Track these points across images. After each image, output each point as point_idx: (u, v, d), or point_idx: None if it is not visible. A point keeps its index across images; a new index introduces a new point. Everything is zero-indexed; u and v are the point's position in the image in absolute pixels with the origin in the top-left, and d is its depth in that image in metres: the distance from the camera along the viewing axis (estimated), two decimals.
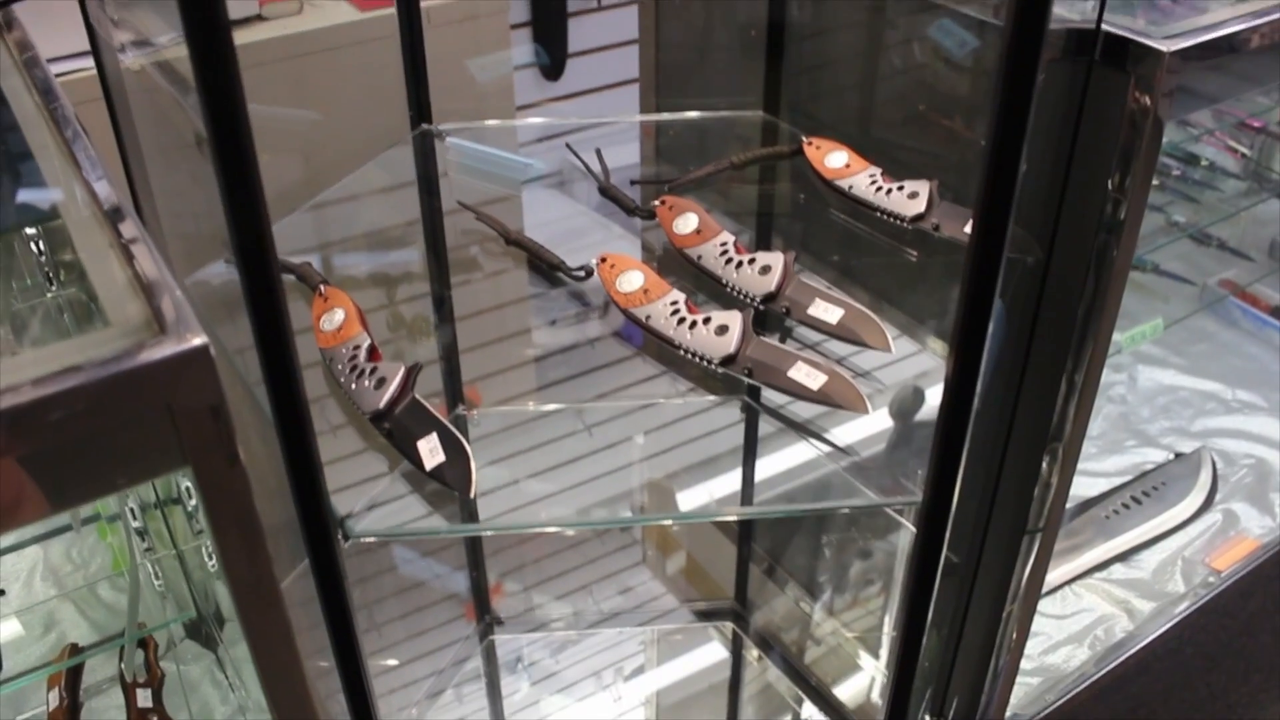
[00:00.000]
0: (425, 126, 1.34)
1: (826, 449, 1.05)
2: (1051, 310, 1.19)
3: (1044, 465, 1.28)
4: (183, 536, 1.25)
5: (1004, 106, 0.75)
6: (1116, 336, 1.23)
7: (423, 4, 1.31)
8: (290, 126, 1.44)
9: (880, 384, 1.05)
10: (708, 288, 1.12)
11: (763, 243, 1.27)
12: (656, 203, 1.17)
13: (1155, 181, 1.76)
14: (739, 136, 1.36)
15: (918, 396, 1.23)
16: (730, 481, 1.17)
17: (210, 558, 1.23)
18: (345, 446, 0.99)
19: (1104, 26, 1.09)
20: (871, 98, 1.35)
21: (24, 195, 1.08)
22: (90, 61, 1.29)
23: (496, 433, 1.15)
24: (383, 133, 1.40)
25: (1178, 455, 1.87)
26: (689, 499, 1.13)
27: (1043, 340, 1.21)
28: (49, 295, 1.23)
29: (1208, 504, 1.79)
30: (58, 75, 1.63)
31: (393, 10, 1.35)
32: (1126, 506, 1.77)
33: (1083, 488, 1.79)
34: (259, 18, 1.78)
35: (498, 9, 1.77)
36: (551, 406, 1.13)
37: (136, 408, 0.68)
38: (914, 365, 1.15)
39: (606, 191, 1.22)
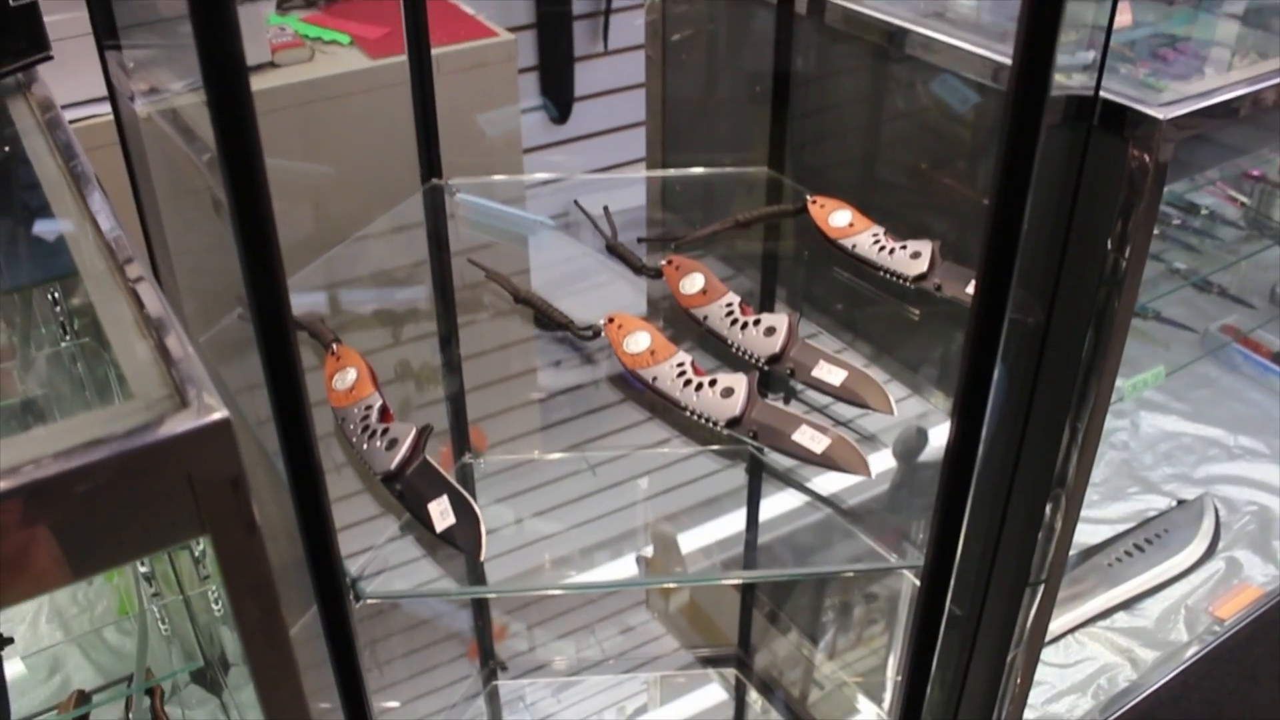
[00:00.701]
0: (435, 181, 1.37)
1: (831, 496, 1.07)
2: (1052, 369, 1.21)
3: (1047, 514, 1.29)
4: (189, 581, 1.27)
5: (1006, 178, 0.77)
6: (1119, 383, 1.25)
7: (432, 52, 1.33)
8: (303, 179, 1.46)
9: (883, 444, 1.07)
10: (713, 347, 1.13)
11: (768, 300, 1.29)
12: (664, 262, 1.19)
13: (1156, 230, 1.78)
14: (744, 192, 1.38)
15: (921, 436, 1.25)
16: (734, 526, 1.18)
17: (216, 602, 1.25)
18: (356, 506, 1.01)
19: (1102, 93, 1.11)
20: (875, 154, 1.37)
21: (44, 254, 1.11)
22: (106, 106, 1.31)
23: (501, 474, 1.16)
24: (393, 184, 1.42)
25: (1180, 502, 1.88)
26: (693, 544, 1.15)
27: (1044, 394, 1.23)
28: (63, 344, 1.25)
29: (1210, 552, 1.80)
30: (74, 120, 1.66)
31: (403, 58, 1.37)
32: (1129, 554, 1.78)
33: (1085, 535, 1.80)
34: (271, 65, 1.82)
35: (506, 56, 1.80)
36: (556, 455, 1.15)
37: (158, 479, 0.70)
38: (918, 419, 1.17)
39: (615, 250, 1.24)
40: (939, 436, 0.89)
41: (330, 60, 1.85)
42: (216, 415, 0.71)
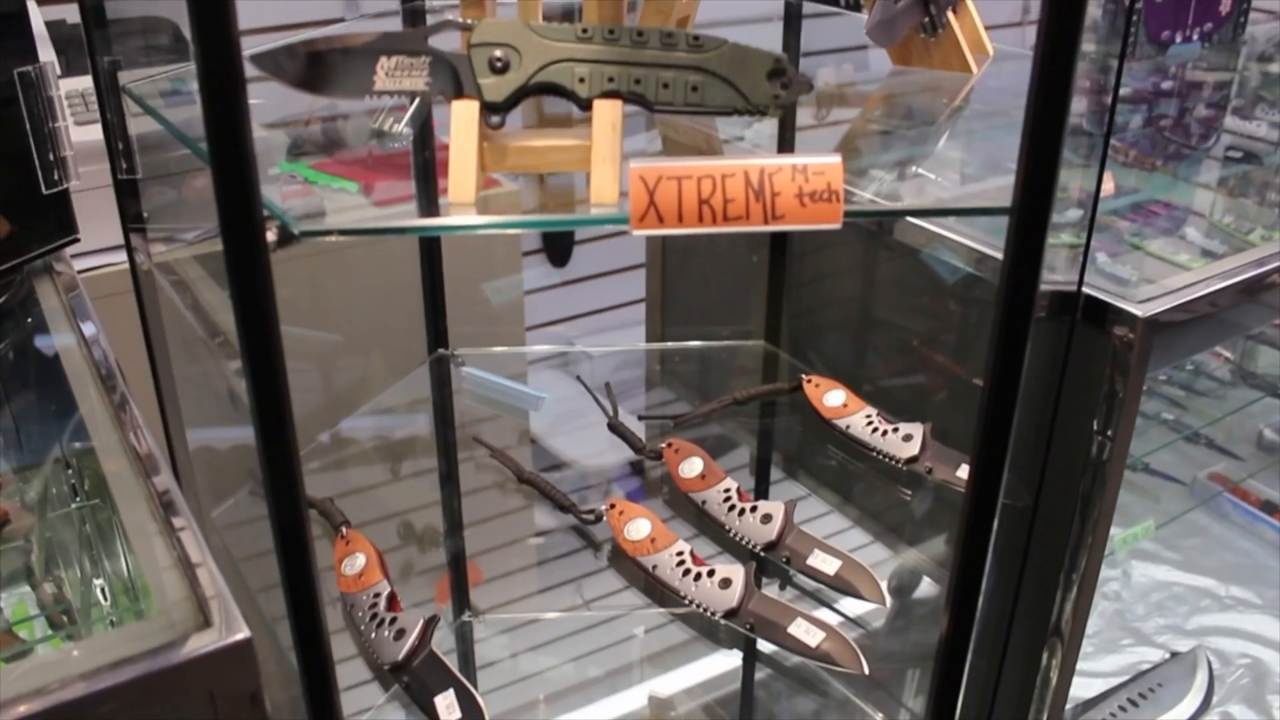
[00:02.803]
0: (442, 351, 1.41)
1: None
2: (1040, 550, 1.25)
3: (1043, 665, 1.31)
4: None
5: (995, 387, 0.81)
6: (1110, 533, 1.28)
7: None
8: (313, 348, 1.51)
9: (879, 634, 1.10)
10: (711, 531, 1.17)
11: (764, 479, 1.32)
12: (663, 445, 1.23)
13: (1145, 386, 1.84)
14: (741, 366, 1.43)
15: (915, 576, 1.27)
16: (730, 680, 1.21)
17: None
18: (363, 694, 1.03)
19: (1084, 289, 1.16)
20: (869, 330, 1.42)
21: (63, 438, 1.15)
22: (122, 255, 1.35)
23: (499, 635, 1.19)
24: (401, 348, 1.47)
25: (1173, 655, 1.88)
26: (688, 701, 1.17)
27: (1033, 570, 1.26)
28: (73, 507, 1.28)
29: (1205, 707, 1.80)
30: (91, 269, 1.71)
31: (410, 206, 1.42)
32: (1123, 709, 1.79)
33: (1080, 689, 1.81)
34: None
35: (512, 206, 1.86)
36: (553, 614, 1.18)
37: (180, 696, 0.73)
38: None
39: (616, 429, 1.28)
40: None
41: (337, 210, 1.91)
42: (239, 635, 0.74)
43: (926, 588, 1.30)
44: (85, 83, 1.63)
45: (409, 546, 1.23)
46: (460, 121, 0.74)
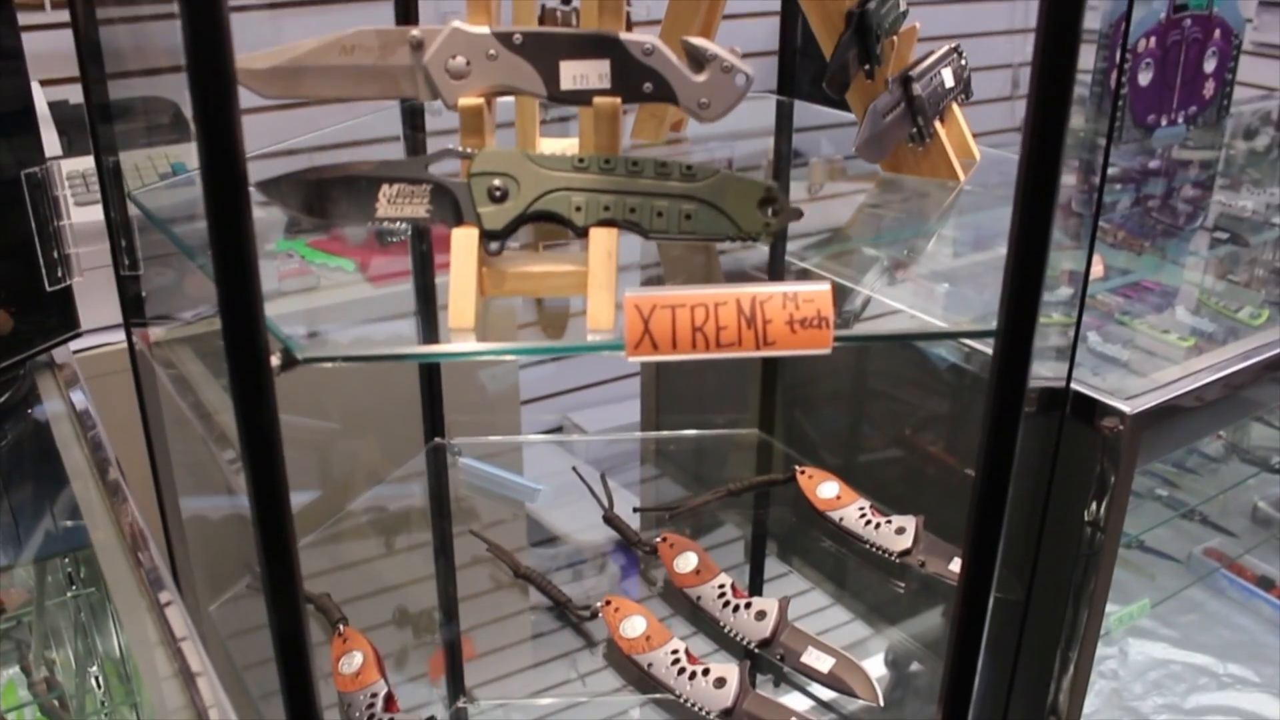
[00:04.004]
0: (438, 440, 1.43)
1: None
2: (1035, 637, 1.25)
3: None
4: None
5: (985, 488, 0.83)
6: (1106, 611, 1.28)
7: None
8: (310, 436, 1.52)
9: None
10: (706, 627, 1.17)
11: (757, 570, 1.33)
12: (658, 539, 1.24)
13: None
14: (735, 455, 1.44)
15: (910, 664, 1.27)
16: None
17: None
18: None
19: (1073, 386, 1.18)
20: (862, 421, 1.44)
21: (61, 538, 1.16)
22: (120, 334, 1.35)
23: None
24: (398, 435, 1.48)
25: None
26: None
27: (1027, 660, 1.26)
28: (69, 595, 1.28)
29: None
30: (92, 347, 1.72)
31: (407, 286, 1.43)
32: None
33: None
34: (280, 294, 1.89)
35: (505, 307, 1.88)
36: (548, 700, 1.18)
37: None
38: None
39: (611, 521, 1.29)
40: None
41: (335, 288, 1.93)
42: None
43: (922, 677, 1.30)
44: (87, 163, 1.65)
45: (406, 640, 1.23)
46: (460, 248, 0.76)
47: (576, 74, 0.77)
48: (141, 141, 1.95)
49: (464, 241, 0.76)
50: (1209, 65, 1.92)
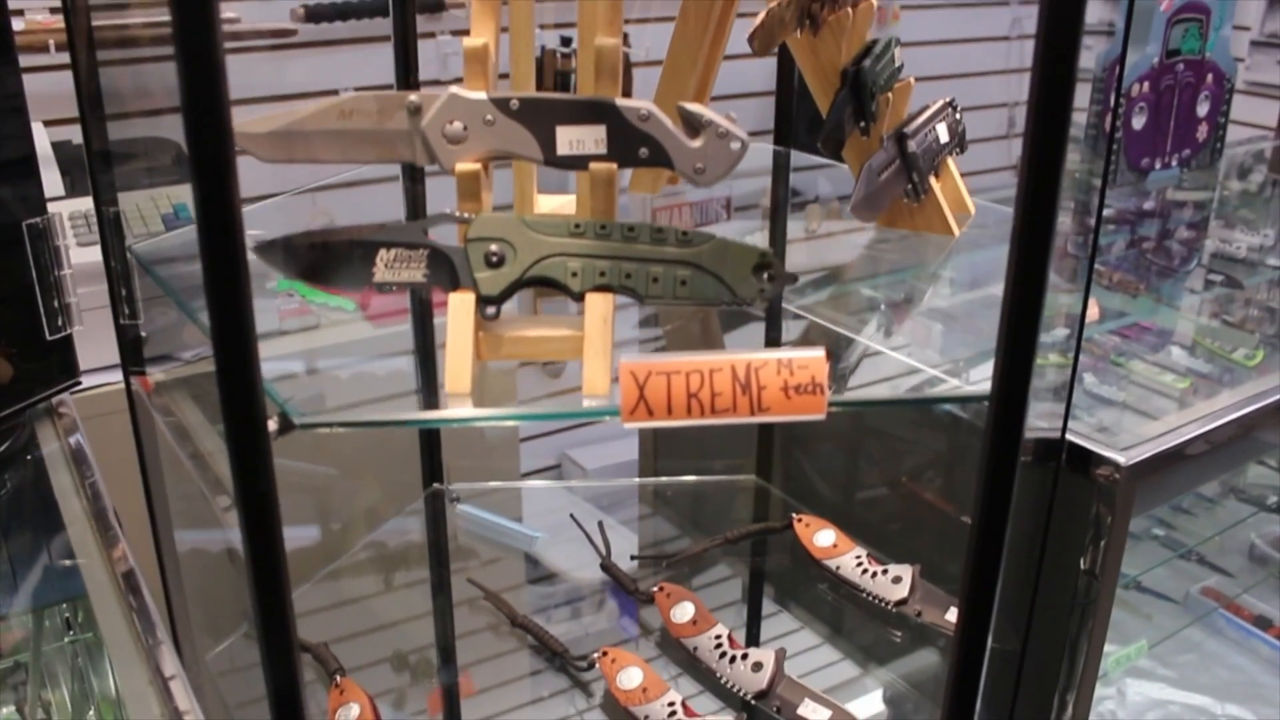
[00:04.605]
0: (436, 486, 1.43)
1: None
2: (1031, 686, 1.25)
3: None
4: None
5: (981, 543, 0.83)
6: (1104, 651, 1.28)
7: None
8: (308, 481, 1.52)
9: None
10: (702, 677, 1.17)
11: (754, 619, 1.33)
12: (655, 589, 1.24)
13: None
14: (732, 501, 1.45)
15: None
16: None
17: None
18: None
19: (1068, 436, 1.18)
20: (857, 467, 1.44)
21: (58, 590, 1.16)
22: (118, 374, 1.36)
23: None
24: (396, 481, 1.48)
25: None
26: None
27: (1024, 707, 1.26)
28: (66, 640, 1.28)
29: None
30: (91, 387, 1.72)
31: (406, 326, 1.44)
32: None
33: None
34: (280, 332, 1.90)
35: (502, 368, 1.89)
36: None
37: None
38: None
39: (608, 569, 1.30)
40: None
41: (335, 327, 1.93)
42: None
43: None
44: (89, 203, 1.66)
45: (403, 688, 1.23)
46: (457, 313, 0.77)
47: (573, 139, 0.78)
48: (144, 182, 1.96)
49: (461, 307, 0.77)
50: (1202, 109, 1.94)
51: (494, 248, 0.77)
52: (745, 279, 0.77)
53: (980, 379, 1.16)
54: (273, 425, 0.78)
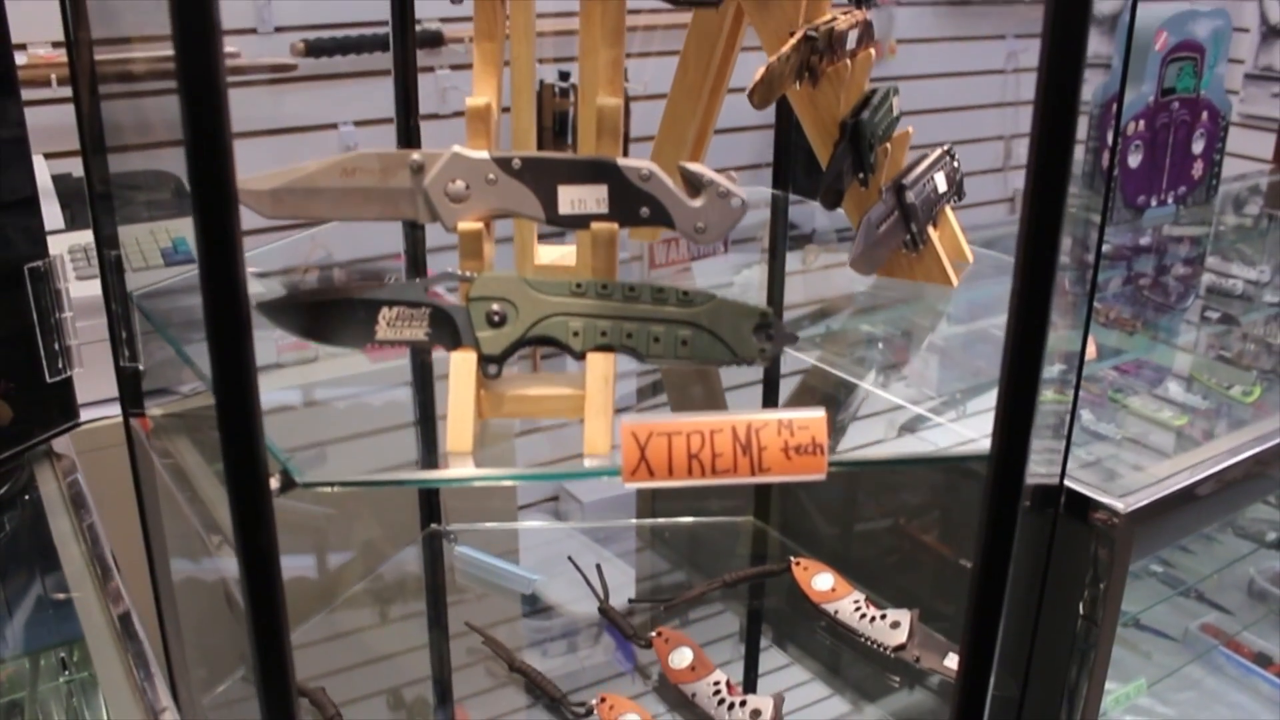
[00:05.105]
0: (434, 527, 1.43)
1: None
2: None
3: None
4: None
5: (980, 597, 0.83)
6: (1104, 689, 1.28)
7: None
8: (307, 520, 1.52)
9: None
10: None
11: (752, 663, 1.33)
12: (653, 634, 1.24)
13: None
14: (730, 542, 1.45)
15: None
16: None
17: None
18: None
19: (1067, 483, 1.18)
20: (856, 510, 1.44)
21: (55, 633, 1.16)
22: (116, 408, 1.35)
23: None
24: (394, 522, 1.48)
25: None
26: None
27: None
28: (62, 680, 1.28)
29: None
30: (89, 421, 1.72)
31: (404, 360, 1.43)
32: None
33: None
34: (277, 365, 1.90)
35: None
36: None
37: None
38: None
39: (606, 613, 1.29)
40: None
41: (333, 361, 1.93)
42: None
43: None
44: (88, 237, 1.66)
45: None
46: (459, 372, 0.77)
47: (574, 199, 0.79)
48: (143, 216, 1.96)
49: (463, 366, 0.77)
50: (1197, 146, 1.95)
51: (496, 307, 0.77)
52: (745, 339, 0.77)
53: (979, 409, 1.17)
54: (275, 484, 0.78)
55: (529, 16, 0.88)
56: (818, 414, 0.75)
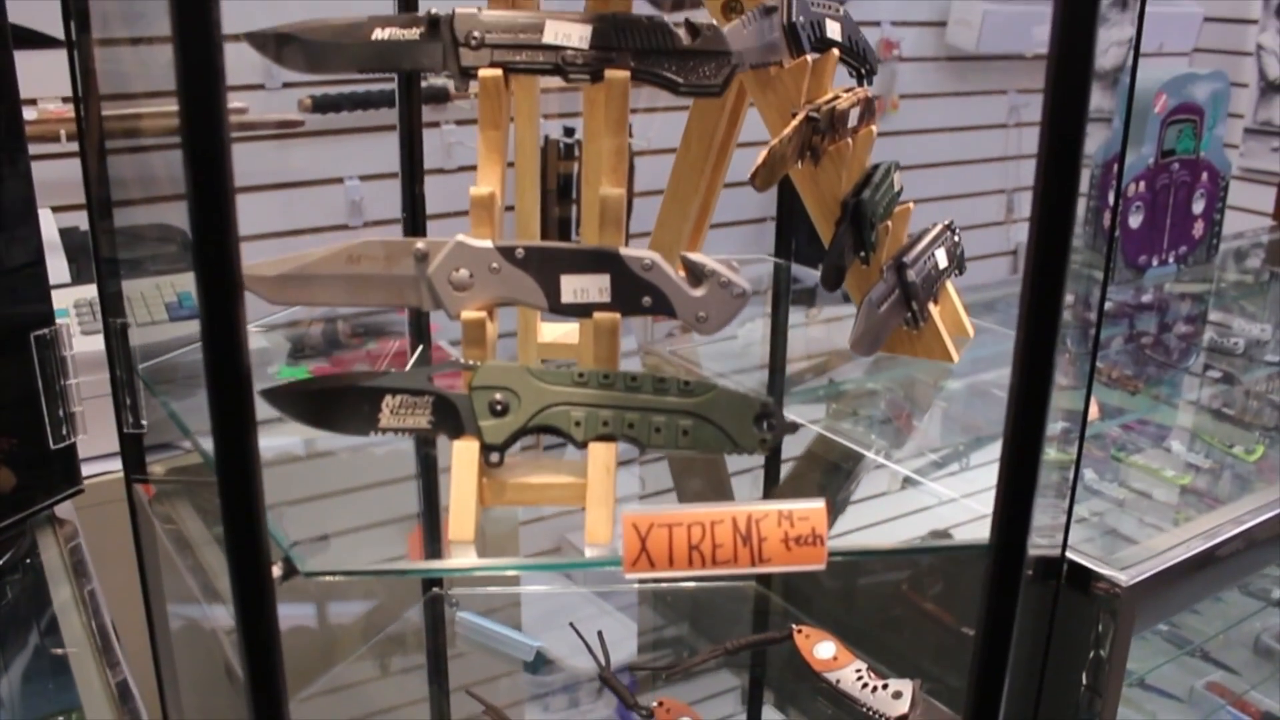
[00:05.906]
0: (436, 590, 1.43)
1: None
2: None
3: None
4: None
5: (982, 673, 0.83)
6: None
7: None
8: (307, 586, 1.52)
9: None
10: None
11: None
12: (654, 704, 1.24)
13: None
14: (731, 608, 1.44)
15: None
16: None
17: None
18: None
19: (1068, 554, 1.18)
20: (856, 573, 1.44)
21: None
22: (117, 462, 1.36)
23: None
24: (395, 583, 1.47)
25: None
26: None
27: None
28: None
29: None
30: (92, 476, 1.72)
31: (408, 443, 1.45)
32: None
33: None
34: (278, 419, 1.90)
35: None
36: None
37: None
38: None
39: (607, 681, 1.29)
40: None
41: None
42: None
43: None
44: (93, 291, 1.67)
45: None
46: (461, 461, 0.78)
47: (577, 288, 0.79)
48: (149, 269, 1.97)
49: (465, 455, 0.78)
50: (1197, 207, 1.96)
51: (498, 396, 0.78)
52: (746, 429, 0.78)
53: (982, 462, 1.17)
54: (277, 571, 0.79)
55: (533, 103, 0.90)
56: (817, 505, 0.75)
